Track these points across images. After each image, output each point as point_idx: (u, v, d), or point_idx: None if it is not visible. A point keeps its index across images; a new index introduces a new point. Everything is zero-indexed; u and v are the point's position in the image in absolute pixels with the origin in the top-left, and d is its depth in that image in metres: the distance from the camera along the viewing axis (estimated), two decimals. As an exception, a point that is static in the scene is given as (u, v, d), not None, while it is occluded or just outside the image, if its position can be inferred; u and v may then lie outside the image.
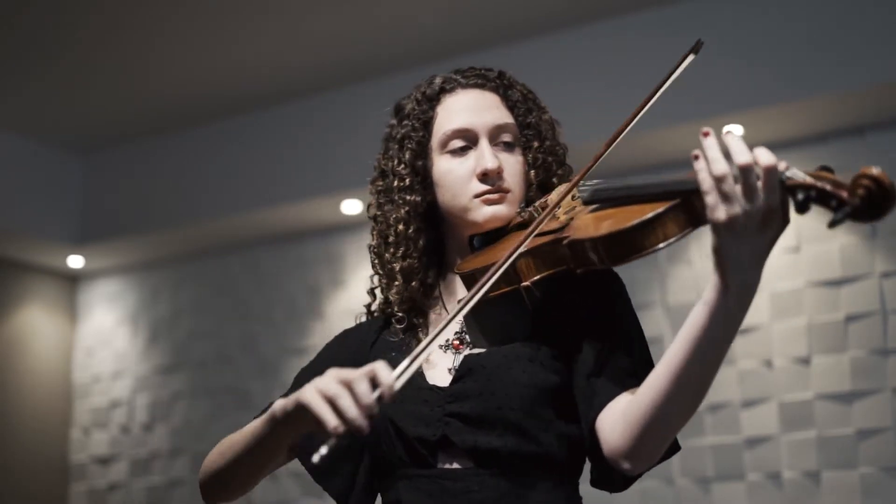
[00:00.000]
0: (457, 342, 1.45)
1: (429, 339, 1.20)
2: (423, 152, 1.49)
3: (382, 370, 1.12)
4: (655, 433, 1.22)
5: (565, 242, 1.26)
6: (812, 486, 3.44)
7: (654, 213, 1.16)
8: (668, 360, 1.19)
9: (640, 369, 1.32)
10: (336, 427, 1.11)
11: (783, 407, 3.54)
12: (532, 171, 1.49)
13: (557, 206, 1.33)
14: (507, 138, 1.48)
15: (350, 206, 4.36)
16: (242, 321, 4.76)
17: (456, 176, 1.45)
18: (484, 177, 1.44)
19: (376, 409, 1.11)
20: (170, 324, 4.98)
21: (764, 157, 1.06)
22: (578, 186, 1.35)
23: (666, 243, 1.16)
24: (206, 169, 4.64)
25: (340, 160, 4.23)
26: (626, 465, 1.26)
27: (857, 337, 3.48)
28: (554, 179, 1.50)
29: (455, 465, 1.35)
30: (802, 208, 1.04)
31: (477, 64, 1.57)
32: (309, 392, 1.15)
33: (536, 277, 1.32)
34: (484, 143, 1.45)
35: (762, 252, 1.10)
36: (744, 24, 3.55)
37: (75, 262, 5.05)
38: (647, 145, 3.69)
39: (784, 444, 3.51)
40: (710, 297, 1.14)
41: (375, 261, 1.54)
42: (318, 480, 1.49)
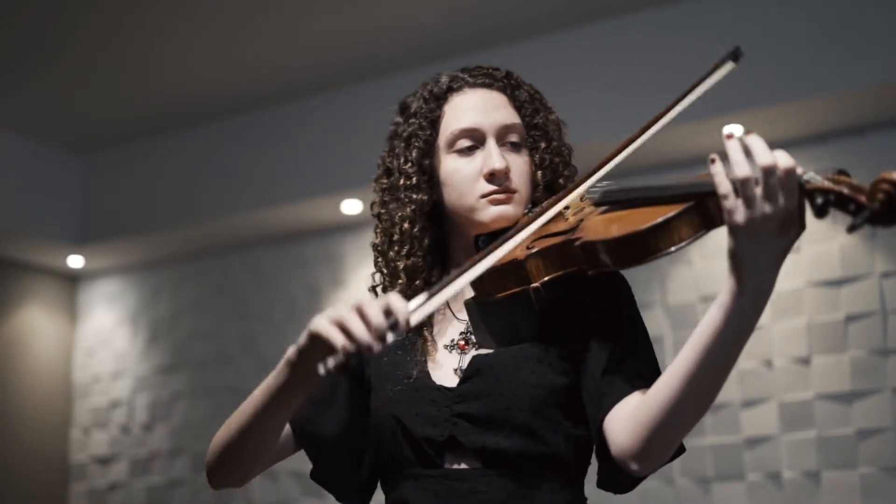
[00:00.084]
0: (462, 342, 1.44)
1: (451, 277, 1.20)
2: (429, 151, 1.48)
3: (398, 301, 1.13)
4: (665, 435, 1.22)
5: (577, 244, 1.25)
6: (812, 486, 3.44)
7: (668, 215, 1.16)
8: (680, 363, 1.19)
9: (648, 371, 1.32)
10: (345, 345, 1.11)
11: (783, 407, 3.54)
12: (539, 172, 1.49)
13: (570, 192, 1.33)
14: (514, 139, 1.47)
15: (350, 206, 4.36)
16: (242, 321, 4.76)
17: (463, 175, 1.45)
18: (491, 177, 1.43)
19: (388, 334, 1.11)
20: (170, 324, 4.98)
21: (783, 160, 1.06)
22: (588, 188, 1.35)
23: (678, 246, 1.16)
24: (206, 169, 4.64)
25: (340, 160, 4.23)
26: (635, 467, 1.26)
27: (857, 337, 3.48)
28: (560, 180, 1.50)
29: (462, 466, 1.35)
30: (821, 212, 1.03)
31: (477, 63, 1.56)
32: (319, 320, 1.16)
33: (546, 278, 1.31)
34: (491, 143, 1.45)
35: (779, 256, 1.10)
36: (744, 24, 3.55)
37: (75, 262, 5.05)
38: (646, 145, 3.67)
39: (784, 444, 3.51)
40: (724, 301, 1.14)
41: (379, 259, 1.53)
42: (315, 475, 1.49)
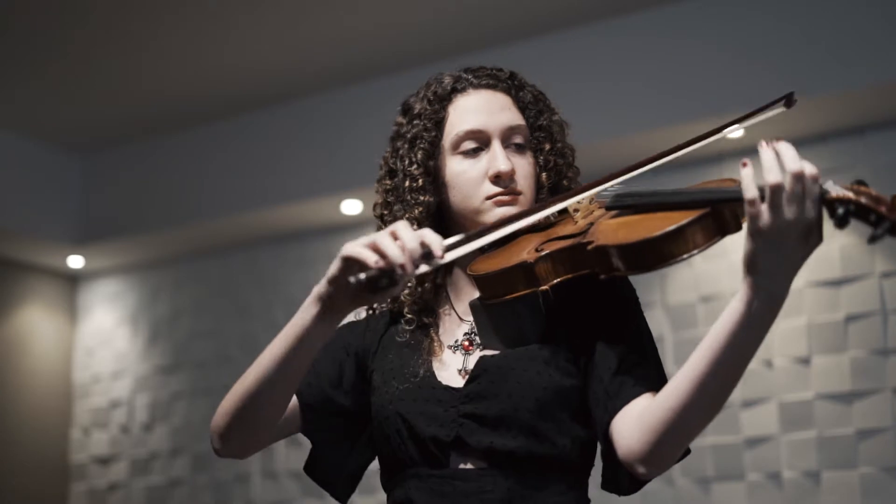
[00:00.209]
0: (466, 343, 1.44)
1: (488, 227, 1.26)
2: (434, 152, 1.48)
3: (433, 234, 1.16)
4: (673, 438, 1.22)
5: (590, 248, 1.25)
6: (812, 486, 3.44)
7: (683, 221, 1.15)
8: (691, 367, 1.19)
9: (653, 373, 1.33)
10: (378, 261, 1.12)
11: (783, 407, 3.54)
12: (544, 174, 1.48)
13: (587, 189, 1.34)
14: (518, 140, 1.47)
15: (350, 206, 4.36)
16: (242, 321, 4.76)
17: (468, 177, 1.44)
18: (496, 179, 1.43)
19: (422, 263, 1.13)
20: (170, 324, 4.98)
21: (809, 168, 1.06)
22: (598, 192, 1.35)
23: (691, 253, 1.16)
24: (206, 169, 4.63)
25: (340, 160, 4.23)
26: (642, 469, 1.26)
27: (857, 337, 3.48)
28: (564, 182, 1.50)
29: (468, 466, 1.35)
30: (842, 223, 1.03)
31: (478, 64, 1.56)
32: (351, 244, 1.17)
33: (555, 281, 1.31)
34: (496, 144, 1.45)
35: (796, 265, 1.11)
36: (744, 24, 3.55)
37: (75, 262, 5.04)
38: (646, 145, 3.68)
39: (784, 444, 3.51)
40: (737, 307, 1.14)
41: None
42: (309, 466, 1.50)
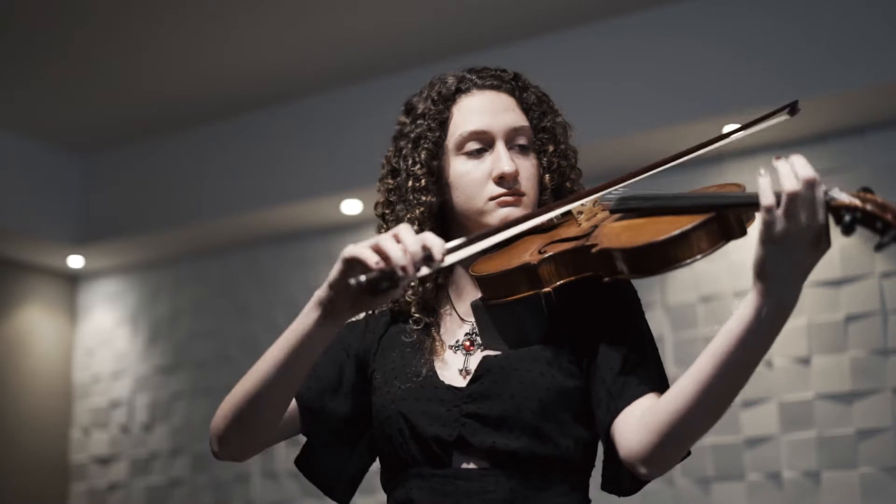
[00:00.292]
0: (467, 343, 1.44)
1: (491, 230, 1.28)
2: (438, 152, 1.48)
3: (434, 237, 1.16)
4: (676, 440, 1.22)
5: (594, 251, 1.25)
6: (812, 486, 3.44)
7: (689, 226, 1.15)
8: (698, 370, 1.19)
9: (655, 374, 1.33)
10: (378, 262, 1.13)
11: (783, 407, 3.54)
12: (547, 176, 1.49)
13: (589, 195, 1.35)
14: (522, 141, 1.47)
15: (350, 206, 4.36)
16: (242, 321, 4.76)
17: (472, 178, 1.45)
18: (500, 180, 1.43)
19: (423, 265, 1.13)
20: (170, 324, 4.98)
21: (817, 176, 1.08)
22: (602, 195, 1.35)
23: (694, 258, 1.16)
24: (206, 169, 4.63)
25: (340, 160, 4.23)
26: (643, 470, 1.26)
27: (857, 337, 3.48)
28: (567, 183, 1.50)
29: (471, 466, 1.35)
30: (849, 230, 1.03)
31: (478, 63, 1.56)
32: (353, 246, 1.18)
33: (558, 283, 1.31)
34: (500, 145, 1.45)
35: (806, 270, 1.11)
36: (743, 24, 3.55)
37: (75, 262, 5.04)
38: (646, 145, 3.68)
39: (784, 444, 3.51)
40: (746, 312, 1.14)
41: None
42: (302, 461, 1.50)
